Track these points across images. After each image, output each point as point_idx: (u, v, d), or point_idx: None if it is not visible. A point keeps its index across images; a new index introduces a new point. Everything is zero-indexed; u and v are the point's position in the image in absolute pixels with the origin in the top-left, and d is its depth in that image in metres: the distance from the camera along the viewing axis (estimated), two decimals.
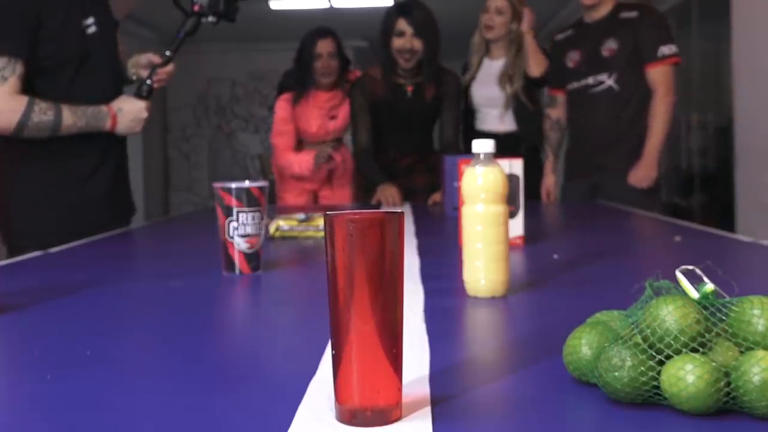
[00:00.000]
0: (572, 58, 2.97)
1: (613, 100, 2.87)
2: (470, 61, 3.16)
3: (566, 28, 3.13)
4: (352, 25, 6.68)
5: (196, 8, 2.04)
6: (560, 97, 3.05)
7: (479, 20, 3.10)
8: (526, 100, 3.07)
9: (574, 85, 2.97)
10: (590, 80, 2.90)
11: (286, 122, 3.22)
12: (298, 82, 3.19)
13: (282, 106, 3.24)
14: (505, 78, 3.03)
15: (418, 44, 2.82)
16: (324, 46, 3.08)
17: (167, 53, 2.07)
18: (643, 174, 2.80)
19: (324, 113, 3.19)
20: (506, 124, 3.08)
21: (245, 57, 8.69)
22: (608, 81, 2.86)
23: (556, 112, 3.08)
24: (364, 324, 0.56)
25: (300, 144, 3.26)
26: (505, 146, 2.36)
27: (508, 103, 3.04)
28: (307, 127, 3.20)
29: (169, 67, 2.09)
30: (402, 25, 2.82)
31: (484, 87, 3.10)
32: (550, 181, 3.12)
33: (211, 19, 2.07)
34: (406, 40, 2.82)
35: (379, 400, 0.57)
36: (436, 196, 2.74)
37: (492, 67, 3.10)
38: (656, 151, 2.80)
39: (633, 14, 2.86)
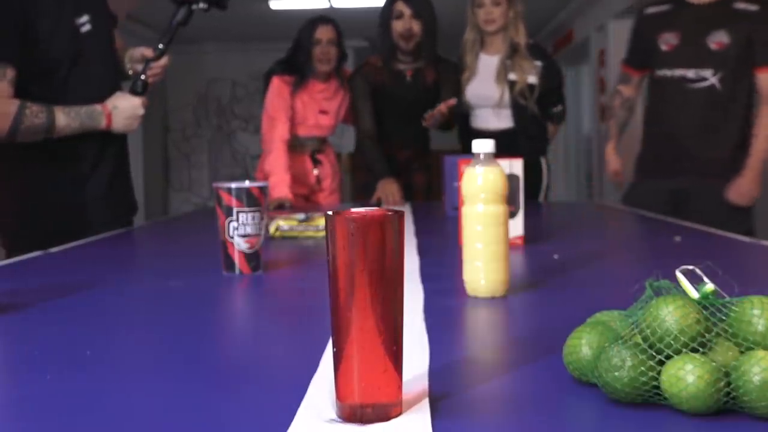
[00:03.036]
0: (668, 41, 2.61)
1: (714, 100, 2.55)
2: (464, 60, 2.97)
3: (660, 2, 2.73)
4: (352, 25, 6.68)
5: None
6: (636, 77, 2.76)
7: (469, 17, 2.95)
8: (529, 104, 2.89)
9: (666, 72, 2.62)
10: (690, 73, 2.56)
11: (285, 100, 2.97)
12: (295, 69, 3.01)
13: (280, 85, 2.99)
14: (502, 74, 2.88)
15: (417, 26, 2.86)
16: (324, 33, 2.98)
17: (159, 46, 2.04)
18: (745, 190, 2.52)
19: (316, 105, 3.05)
20: (502, 120, 2.91)
21: (245, 57, 8.69)
22: (712, 78, 2.54)
23: (629, 91, 2.78)
24: (365, 322, 0.57)
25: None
26: (502, 144, 2.26)
27: (502, 100, 2.88)
28: (299, 116, 3.03)
29: (163, 61, 2.06)
30: (400, 6, 2.86)
31: (478, 84, 2.93)
32: (618, 164, 2.81)
33: (201, 6, 2.03)
34: (405, 21, 2.85)
35: (380, 397, 0.58)
36: (442, 107, 2.64)
37: (489, 62, 2.93)
38: (760, 165, 2.50)
39: (752, 8, 2.53)
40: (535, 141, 2.98)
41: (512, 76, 2.87)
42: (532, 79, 2.88)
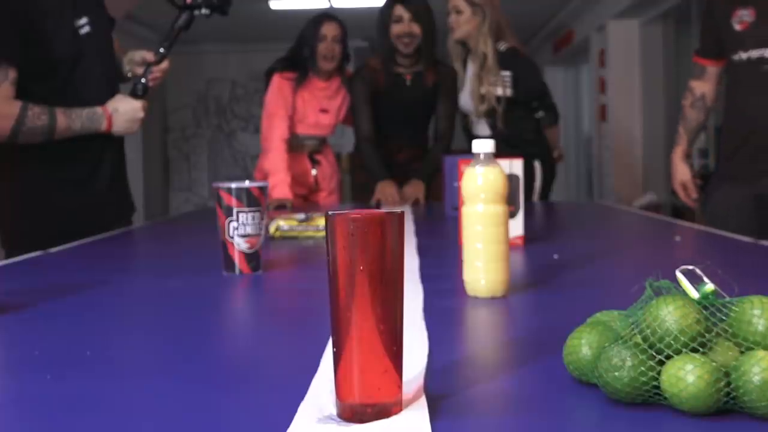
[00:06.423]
0: (742, 19, 2.18)
1: None
2: (455, 68, 2.98)
3: None
4: (352, 25, 6.68)
5: (188, 0, 2.01)
6: (711, 68, 2.36)
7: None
8: (497, 118, 2.84)
9: (741, 56, 2.19)
10: (767, 52, 2.16)
11: (285, 98, 2.95)
12: (297, 66, 2.99)
13: (281, 82, 2.97)
14: (476, 88, 2.84)
15: (416, 28, 2.86)
16: (329, 29, 2.97)
17: (161, 50, 2.04)
18: None
19: (316, 103, 3.04)
20: (484, 129, 2.88)
21: (245, 57, 8.70)
22: None
23: (702, 87, 2.38)
24: (365, 322, 0.57)
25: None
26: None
27: (479, 111, 2.86)
28: (299, 114, 3.01)
29: (164, 64, 2.06)
30: (399, 11, 2.87)
31: (464, 93, 2.94)
32: (685, 174, 2.41)
33: (204, 11, 2.03)
34: (404, 24, 2.85)
35: (380, 396, 0.58)
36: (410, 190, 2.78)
37: (471, 72, 2.90)
38: None
39: None
40: (522, 147, 2.78)
41: (482, 90, 2.84)
42: (500, 91, 2.83)
